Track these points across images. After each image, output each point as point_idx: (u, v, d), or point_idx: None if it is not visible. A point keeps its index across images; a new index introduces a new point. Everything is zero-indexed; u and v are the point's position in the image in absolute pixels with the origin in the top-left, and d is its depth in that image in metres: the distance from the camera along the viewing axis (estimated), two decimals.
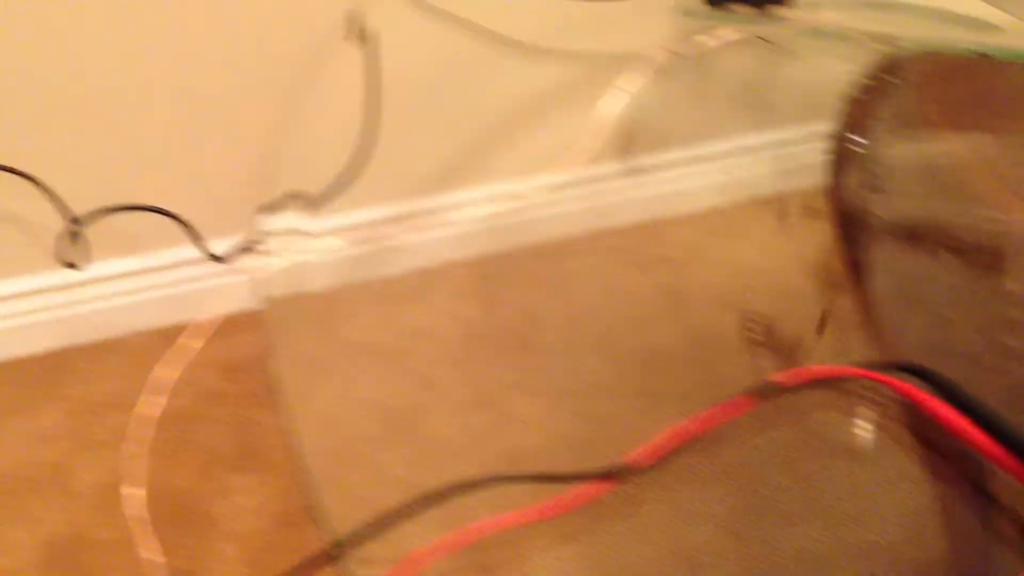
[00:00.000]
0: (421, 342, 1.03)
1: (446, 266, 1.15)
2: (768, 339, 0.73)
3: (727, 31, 0.67)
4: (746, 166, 1.22)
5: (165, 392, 1.01)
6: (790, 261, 0.91)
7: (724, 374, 0.86)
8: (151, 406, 0.99)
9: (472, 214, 1.17)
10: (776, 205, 1.02)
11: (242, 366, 1.07)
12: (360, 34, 0.82)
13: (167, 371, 1.05)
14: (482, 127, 1.11)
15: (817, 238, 0.79)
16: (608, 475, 0.60)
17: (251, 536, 0.84)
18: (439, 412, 0.90)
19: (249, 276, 0.78)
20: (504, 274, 1.16)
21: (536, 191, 1.17)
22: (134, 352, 1.07)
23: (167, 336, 1.11)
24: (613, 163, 1.20)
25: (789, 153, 1.17)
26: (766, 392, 0.59)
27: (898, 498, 0.63)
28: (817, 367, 0.60)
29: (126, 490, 0.87)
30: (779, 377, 0.60)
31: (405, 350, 1.02)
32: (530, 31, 1.03)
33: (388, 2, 0.92)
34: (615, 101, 0.75)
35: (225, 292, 1.14)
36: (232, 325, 1.15)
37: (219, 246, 1.09)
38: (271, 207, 0.83)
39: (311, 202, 0.84)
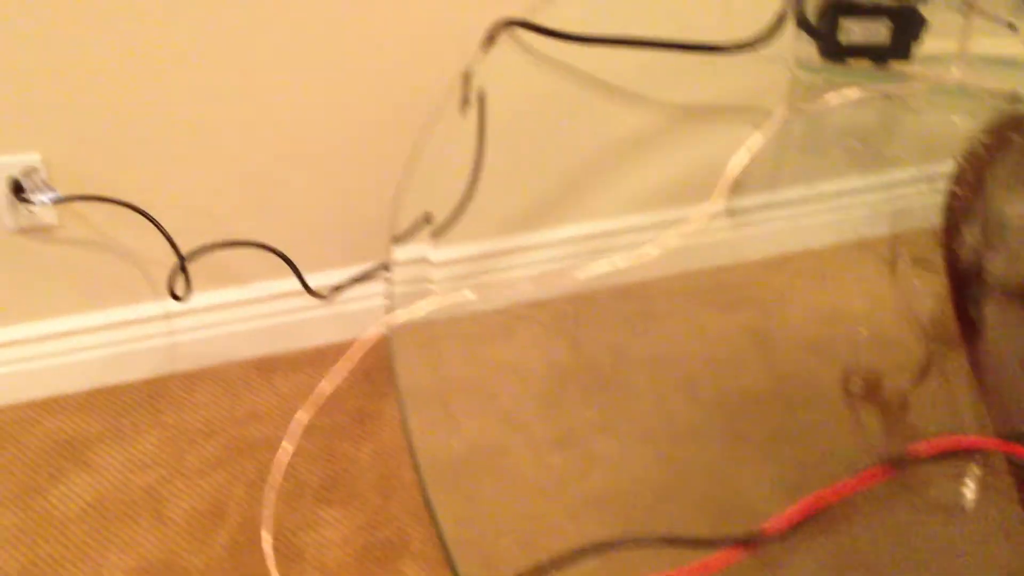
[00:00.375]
0: (507, 379, 1.03)
1: (534, 304, 1.15)
2: (869, 392, 0.71)
3: (851, 91, 0.65)
4: (845, 209, 1.20)
5: (257, 422, 1.04)
6: (891, 309, 0.89)
7: (812, 420, 0.84)
8: (243, 435, 1.01)
9: (562, 252, 1.18)
10: (875, 249, 1.00)
11: (330, 398, 1.08)
12: (473, 95, 0.83)
13: (259, 401, 1.08)
14: (579, 169, 1.12)
15: (925, 289, 0.77)
16: (744, 542, 0.59)
17: (337, 569, 0.85)
18: (523, 450, 0.90)
19: (386, 301, 0.79)
20: (591, 313, 1.16)
21: (626, 231, 1.17)
22: (229, 381, 1.10)
23: (261, 366, 1.15)
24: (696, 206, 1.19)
25: (889, 197, 1.15)
26: (902, 462, 0.58)
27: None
28: (956, 438, 0.58)
29: (218, 519, 0.90)
30: (917, 448, 0.58)
31: (491, 387, 1.02)
32: (645, 81, 1.03)
33: (501, 52, 0.93)
34: (740, 158, 0.75)
35: (317, 325, 1.16)
36: (322, 357, 1.17)
37: (314, 280, 1.12)
38: (401, 237, 0.85)
39: (436, 232, 0.86)
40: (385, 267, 1.10)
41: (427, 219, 0.80)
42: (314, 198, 1.10)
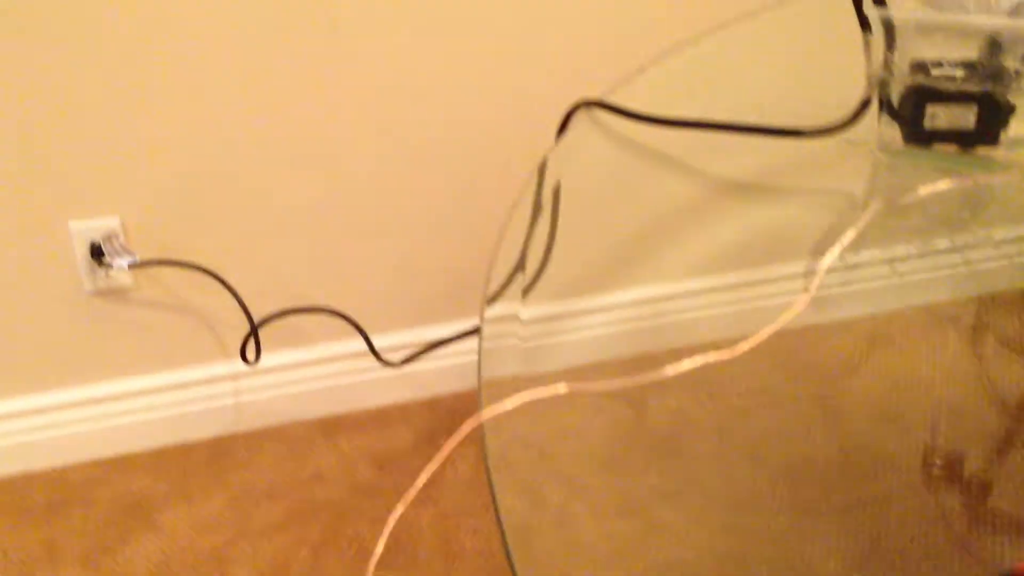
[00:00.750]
0: (569, 442, 1.03)
1: (596, 365, 1.15)
2: (950, 472, 0.69)
3: (943, 182, 0.64)
4: (917, 272, 1.17)
5: (321, 484, 1.04)
6: (964, 378, 0.87)
7: (883, 492, 0.82)
8: (307, 497, 1.02)
9: (623, 315, 1.17)
10: (946, 314, 0.98)
11: (393, 459, 1.09)
12: (547, 190, 0.84)
13: (323, 463, 1.08)
14: (650, 232, 1.12)
15: (1008, 368, 0.74)
16: None
17: None
18: (585, 516, 0.89)
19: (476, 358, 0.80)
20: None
21: (686, 295, 1.16)
22: (294, 442, 1.11)
23: (325, 426, 1.16)
24: (767, 268, 1.18)
25: (963, 260, 1.13)
26: None
27: None
28: None
29: None
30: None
31: (553, 449, 1.02)
32: (721, 160, 1.03)
33: (578, 132, 0.93)
34: (832, 253, 0.74)
35: (383, 385, 1.17)
36: (386, 417, 1.18)
37: (381, 340, 1.13)
38: (492, 297, 0.85)
39: (525, 291, 0.87)
40: (451, 339, 1.11)
41: (518, 270, 0.81)
42: (383, 263, 1.12)
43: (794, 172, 1.00)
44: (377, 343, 1.10)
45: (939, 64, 0.62)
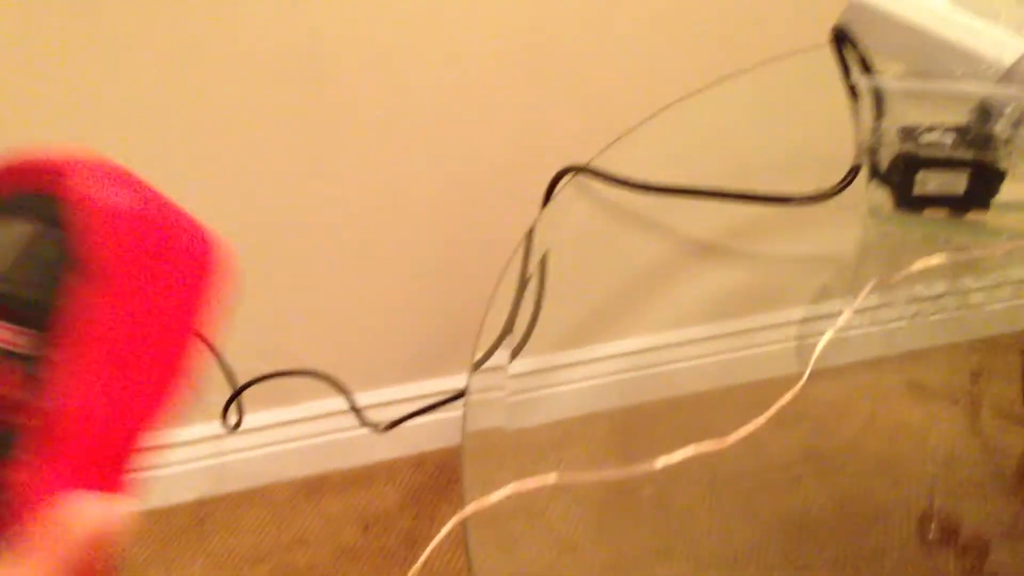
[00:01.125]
0: (558, 497, 1.01)
1: (583, 419, 1.13)
2: (946, 536, 0.68)
3: (936, 257, 0.64)
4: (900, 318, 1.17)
5: (304, 548, 1.02)
6: (957, 426, 0.86)
7: (877, 546, 0.81)
8: (290, 562, 1.00)
9: (609, 367, 1.16)
10: (938, 360, 0.97)
11: (379, 520, 1.07)
12: (534, 258, 0.83)
13: (307, 525, 1.06)
14: (628, 285, 1.12)
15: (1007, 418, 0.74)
16: None
17: None
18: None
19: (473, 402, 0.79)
20: (642, 428, 1.14)
21: (675, 346, 1.16)
22: (276, 504, 1.09)
23: (309, 486, 1.13)
24: (752, 317, 1.17)
25: (955, 305, 1.13)
26: None
27: None
28: None
29: None
30: None
31: (541, 506, 1.00)
32: (709, 226, 1.03)
33: (565, 197, 0.93)
34: (827, 336, 0.73)
35: (367, 443, 1.15)
36: (371, 476, 1.16)
37: (366, 398, 1.12)
38: (478, 364, 0.84)
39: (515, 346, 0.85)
40: (437, 405, 1.09)
41: (505, 335, 0.80)
42: (370, 320, 1.11)
43: (782, 235, 1.00)
44: (364, 399, 1.09)
45: (928, 129, 0.62)
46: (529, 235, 0.77)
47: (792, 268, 0.95)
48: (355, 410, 1.05)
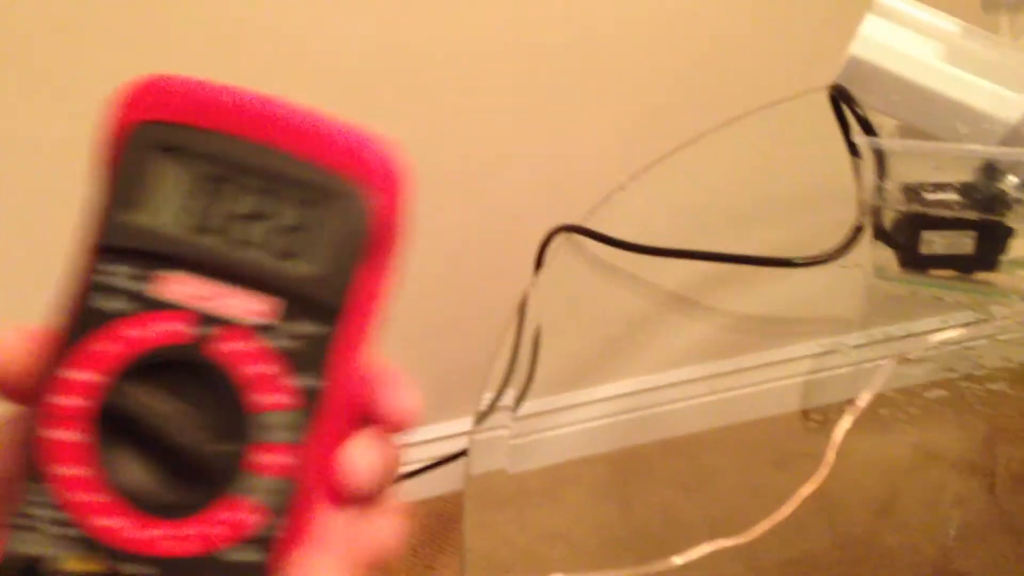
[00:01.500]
0: (555, 545, 1.00)
1: (578, 462, 1.12)
2: None
3: (951, 332, 0.63)
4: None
5: None
6: (965, 466, 0.85)
7: None
8: None
9: (606, 409, 1.15)
10: (940, 398, 0.96)
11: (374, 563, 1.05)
12: (528, 324, 0.82)
13: None
14: (622, 331, 1.11)
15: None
16: None
17: None
18: None
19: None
20: (639, 471, 1.13)
21: (669, 387, 1.15)
22: None
23: None
24: (746, 356, 1.17)
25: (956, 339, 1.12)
26: None
27: None
28: None
29: None
30: None
31: (539, 553, 0.99)
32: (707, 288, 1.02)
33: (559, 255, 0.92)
34: (841, 425, 0.73)
35: None
36: None
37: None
38: (482, 416, 0.83)
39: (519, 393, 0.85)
40: (432, 466, 1.08)
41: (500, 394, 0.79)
42: None
43: (785, 302, 0.99)
44: None
45: (933, 187, 0.62)
46: (522, 305, 0.76)
47: (791, 324, 0.94)
48: None
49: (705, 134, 0.91)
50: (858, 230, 0.67)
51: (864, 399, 0.68)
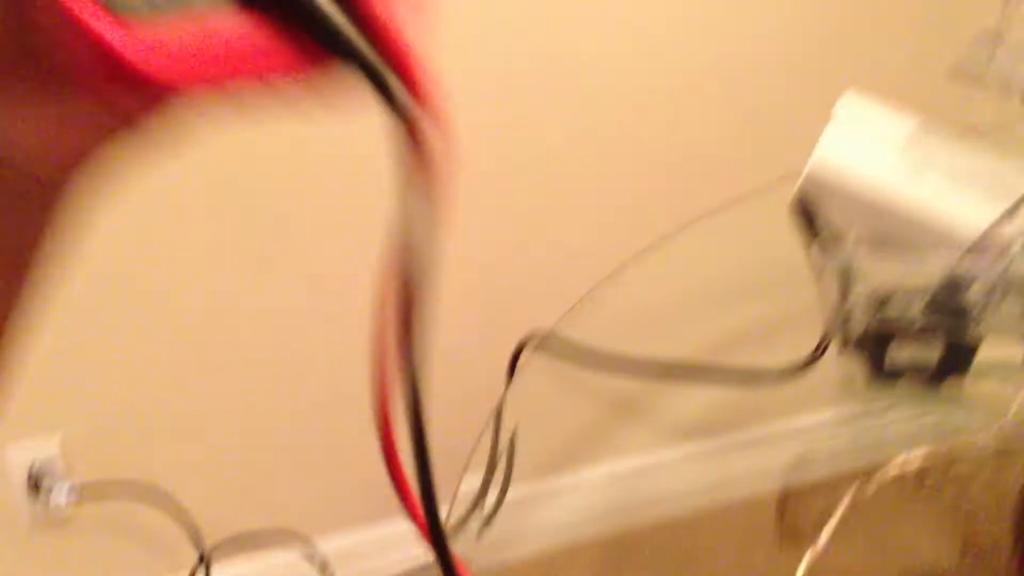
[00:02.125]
0: None
1: (573, 546, 1.10)
2: None
3: (918, 453, 0.61)
4: (895, 424, 1.13)
5: None
6: (946, 539, 0.82)
7: None
8: None
9: (592, 494, 1.14)
10: (919, 471, 0.94)
11: None
12: (503, 435, 0.81)
13: None
14: (601, 415, 1.09)
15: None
16: None
17: None
18: None
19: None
20: (634, 556, 1.10)
21: (658, 466, 1.13)
22: None
23: None
24: (735, 435, 1.15)
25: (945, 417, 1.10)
26: None
27: None
28: None
29: None
30: None
31: None
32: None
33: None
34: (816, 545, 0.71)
35: None
36: None
37: (336, 540, 1.09)
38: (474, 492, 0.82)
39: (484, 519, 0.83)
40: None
41: (477, 506, 0.77)
42: (341, 472, 1.09)
43: (752, 409, 0.96)
44: (334, 543, 1.07)
45: (899, 295, 0.59)
46: (498, 414, 0.74)
47: (767, 438, 0.90)
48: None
49: (693, 221, 0.89)
50: (823, 345, 0.65)
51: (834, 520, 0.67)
